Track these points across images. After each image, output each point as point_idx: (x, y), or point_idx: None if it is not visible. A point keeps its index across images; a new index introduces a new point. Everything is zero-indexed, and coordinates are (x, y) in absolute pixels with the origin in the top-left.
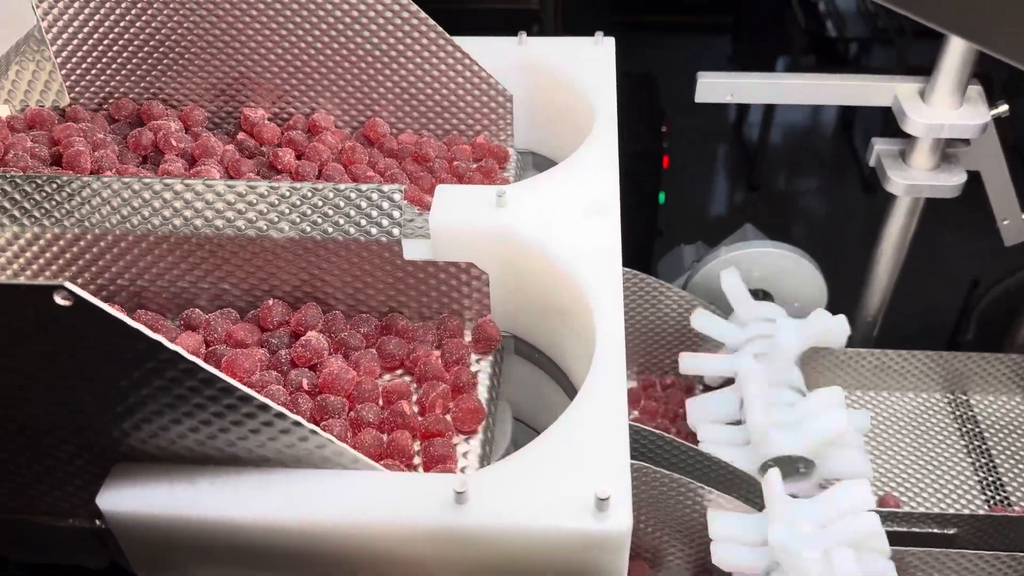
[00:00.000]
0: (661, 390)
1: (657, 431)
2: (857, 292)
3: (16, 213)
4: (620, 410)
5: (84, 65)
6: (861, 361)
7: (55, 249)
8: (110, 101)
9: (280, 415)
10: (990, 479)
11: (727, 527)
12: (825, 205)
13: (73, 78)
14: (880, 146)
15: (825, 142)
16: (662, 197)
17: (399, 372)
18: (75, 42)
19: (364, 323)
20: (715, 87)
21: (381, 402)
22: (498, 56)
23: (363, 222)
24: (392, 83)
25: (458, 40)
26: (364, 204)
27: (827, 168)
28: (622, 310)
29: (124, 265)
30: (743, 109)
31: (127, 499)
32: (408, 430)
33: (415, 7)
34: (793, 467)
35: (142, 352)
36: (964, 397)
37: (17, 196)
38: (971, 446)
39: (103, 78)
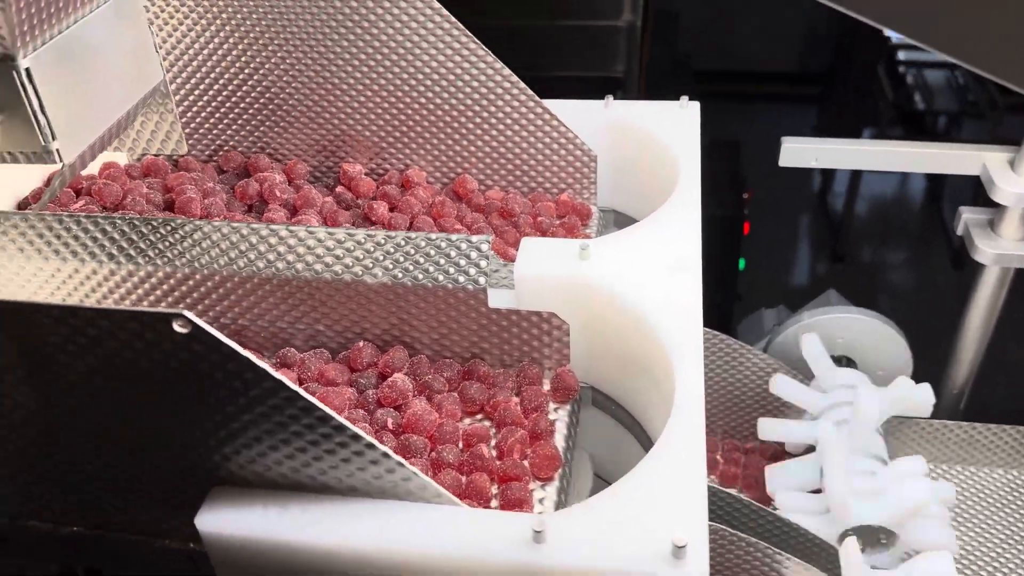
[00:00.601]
0: (762, 456)
1: (735, 493)
2: (944, 363)
3: (132, 252)
4: (699, 459)
5: (199, 119)
6: (948, 434)
7: (165, 287)
8: (220, 153)
9: (370, 446)
10: None
11: None
12: (911, 275)
13: (188, 130)
14: (968, 215)
15: (912, 214)
16: (742, 263)
17: (479, 416)
18: (192, 97)
19: (448, 367)
20: (800, 152)
21: (461, 444)
22: (584, 118)
23: (451, 270)
24: (482, 142)
25: (546, 103)
26: (453, 253)
27: (914, 239)
28: (702, 363)
29: (228, 304)
30: (827, 180)
31: (224, 521)
32: (486, 473)
33: (507, 71)
34: (874, 537)
35: (249, 380)
36: None
37: (134, 237)
38: None
39: (215, 131)
